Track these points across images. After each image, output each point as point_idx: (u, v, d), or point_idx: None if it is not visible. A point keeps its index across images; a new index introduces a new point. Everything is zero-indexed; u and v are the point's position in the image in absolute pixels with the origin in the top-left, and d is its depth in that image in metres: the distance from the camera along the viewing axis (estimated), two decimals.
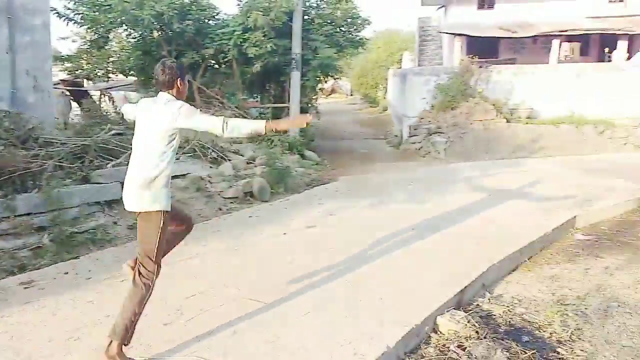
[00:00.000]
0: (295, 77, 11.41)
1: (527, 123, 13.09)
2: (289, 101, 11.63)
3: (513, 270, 4.87)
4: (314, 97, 13.71)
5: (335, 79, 17.48)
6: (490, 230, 5.65)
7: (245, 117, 11.22)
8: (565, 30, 16.08)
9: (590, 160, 10.86)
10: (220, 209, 6.89)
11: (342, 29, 12.66)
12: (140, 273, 2.98)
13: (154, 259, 2.99)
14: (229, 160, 8.55)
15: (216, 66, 12.99)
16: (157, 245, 2.99)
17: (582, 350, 3.36)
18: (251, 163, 8.79)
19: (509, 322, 3.78)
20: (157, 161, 2.95)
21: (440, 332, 3.59)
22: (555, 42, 16.24)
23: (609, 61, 16.09)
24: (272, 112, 11.66)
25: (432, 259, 4.74)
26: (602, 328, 3.66)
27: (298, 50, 11.31)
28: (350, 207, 6.85)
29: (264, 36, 10.70)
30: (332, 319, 3.55)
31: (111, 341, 2.89)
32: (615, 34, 15.96)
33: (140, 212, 2.99)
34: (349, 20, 12.58)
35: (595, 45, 18.92)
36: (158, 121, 2.94)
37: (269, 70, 11.51)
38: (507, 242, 5.16)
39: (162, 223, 2.99)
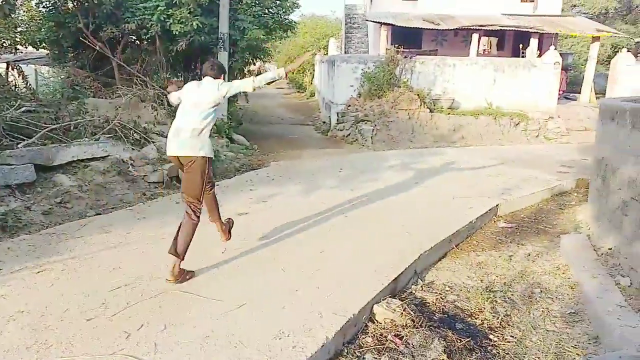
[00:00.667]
0: (223, 57, 11.00)
1: (448, 113, 13.52)
2: None
3: (442, 258, 4.99)
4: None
5: (263, 61, 17.12)
6: (418, 217, 5.76)
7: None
8: (484, 25, 16.77)
9: (506, 150, 11.41)
10: (144, 194, 6.52)
11: (271, 10, 12.36)
12: (192, 211, 3.87)
13: (200, 199, 3.92)
14: (153, 142, 8.11)
15: (137, 42, 12.26)
16: (202, 188, 3.89)
17: (511, 336, 3.49)
18: None
19: (442, 309, 3.86)
20: (202, 118, 3.86)
21: (377, 321, 3.59)
22: (475, 36, 16.88)
23: (524, 56, 17.00)
24: None
25: (365, 246, 4.76)
26: (528, 314, 3.83)
27: (225, 29, 10.91)
28: (282, 193, 6.75)
29: (189, 13, 10.21)
30: (269, 310, 3.45)
31: (174, 265, 3.75)
32: (528, 31, 16.88)
33: (188, 161, 3.83)
34: (277, 2, 12.32)
35: (510, 41, 19.93)
36: (206, 93, 3.93)
37: (195, 49, 11.02)
38: (435, 230, 5.28)
39: (206, 168, 3.89)
